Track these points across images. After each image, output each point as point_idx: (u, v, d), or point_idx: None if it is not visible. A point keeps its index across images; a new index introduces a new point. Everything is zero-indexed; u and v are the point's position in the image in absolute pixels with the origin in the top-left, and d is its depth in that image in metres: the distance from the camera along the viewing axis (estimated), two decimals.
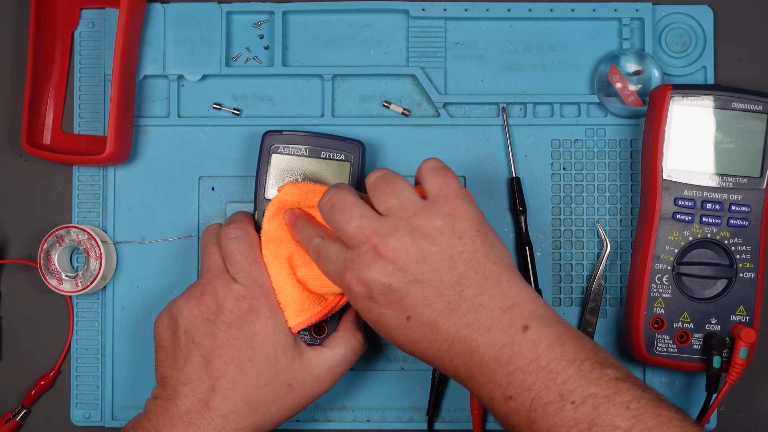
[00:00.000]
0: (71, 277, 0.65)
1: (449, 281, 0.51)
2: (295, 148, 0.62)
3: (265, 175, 0.62)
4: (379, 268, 0.51)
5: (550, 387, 0.48)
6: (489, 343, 0.50)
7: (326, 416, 0.67)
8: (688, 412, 0.66)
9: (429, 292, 0.51)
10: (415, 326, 0.51)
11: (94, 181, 0.67)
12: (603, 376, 0.48)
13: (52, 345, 0.67)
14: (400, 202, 0.53)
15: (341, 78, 0.68)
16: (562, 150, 0.67)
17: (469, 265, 0.51)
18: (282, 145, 0.62)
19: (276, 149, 0.62)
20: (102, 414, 0.67)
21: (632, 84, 0.65)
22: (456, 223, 0.52)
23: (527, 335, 0.49)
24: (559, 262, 0.67)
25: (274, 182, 0.62)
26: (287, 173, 0.62)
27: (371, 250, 0.51)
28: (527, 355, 0.49)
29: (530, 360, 0.49)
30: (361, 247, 0.52)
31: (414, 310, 0.51)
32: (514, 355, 0.49)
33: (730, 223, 0.61)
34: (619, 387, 0.47)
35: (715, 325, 0.62)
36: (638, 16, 0.67)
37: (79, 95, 0.68)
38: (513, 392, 0.49)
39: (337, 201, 0.54)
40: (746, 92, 0.61)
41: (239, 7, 0.68)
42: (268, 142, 0.62)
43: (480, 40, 0.68)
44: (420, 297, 0.51)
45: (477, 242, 0.52)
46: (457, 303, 0.50)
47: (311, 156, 0.62)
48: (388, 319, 0.52)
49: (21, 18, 0.69)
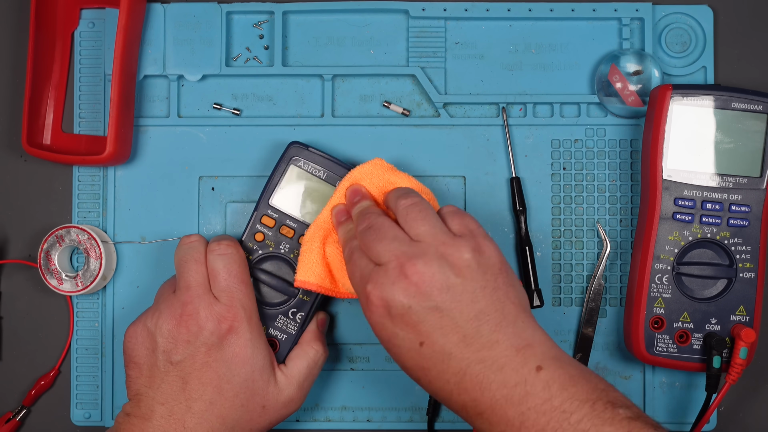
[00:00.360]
0: (71, 277, 0.65)
1: (468, 314, 0.51)
2: (315, 167, 0.62)
3: (276, 183, 0.62)
4: (403, 288, 0.51)
5: (564, 427, 0.48)
6: (502, 382, 0.50)
7: (326, 416, 0.67)
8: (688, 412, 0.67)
9: (447, 321, 0.51)
10: (427, 353, 0.51)
11: (94, 181, 0.67)
12: (615, 415, 0.48)
13: (52, 345, 0.67)
14: (431, 229, 0.53)
15: (341, 78, 0.68)
16: (562, 150, 0.67)
17: (489, 301, 0.51)
18: (303, 161, 0.62)
19: (296, 162, 0.62)
20: (102, 414, 0.67)
21: (632, 84, 0.65)
22: (482, 259, 0.52)
23: (540, 375, 0.49)
24: (559, 262, 0.67)
25: (284, 192, 0.62)
26: (298, 188, 0.62)
27: (398, 268, 0.51)
28: (540, 395, 0.49)
29: (543, 400, 0.49)
30: (388, 264, 0.52)
31: (429, 337, 0.51)
32: (527, 394, 0.49)
33: (730, 223, 0.61)
34: (632, 426, 0.47)
35: (715, 325, 0.62)
36: (638, 16, 0.67)
37: (79, 95, 0.68)
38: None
39: (375, 222, 0.55)
40: (746, 92, 0.61)
41: (239, 7, 0.68)
42: (292, 153, 0.62)
43: (480, 40, 0.68)
44: (437, 324, 0.51)
45: (499, 280, 0.52)
46: (473, 337, 0.51)
47: (327, 181, 0.62)
48: (401, 341, 0.52)
49: (21, 18, 0.69)
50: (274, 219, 0.62)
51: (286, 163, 0.62)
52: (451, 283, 0.51)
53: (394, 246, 0.52)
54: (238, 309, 0.58)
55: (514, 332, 0.51)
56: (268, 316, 0.61)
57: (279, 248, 0.62)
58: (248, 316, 0.58)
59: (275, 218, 0.62)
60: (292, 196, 0.62)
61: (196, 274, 0.58)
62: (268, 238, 0.62)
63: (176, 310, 0.57)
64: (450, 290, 0.51)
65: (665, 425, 0.66)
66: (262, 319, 0.61)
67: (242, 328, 0.57)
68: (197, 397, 0.56)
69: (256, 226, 0.62)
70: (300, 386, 0.59)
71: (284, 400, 0.59)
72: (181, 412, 0.56)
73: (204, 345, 0.57)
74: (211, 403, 0.56)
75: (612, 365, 0.67)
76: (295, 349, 0.61)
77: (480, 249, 0.53)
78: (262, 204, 0.62)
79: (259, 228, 0.62)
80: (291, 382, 0.59)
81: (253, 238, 0.62)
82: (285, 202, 0.62)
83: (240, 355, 0.57)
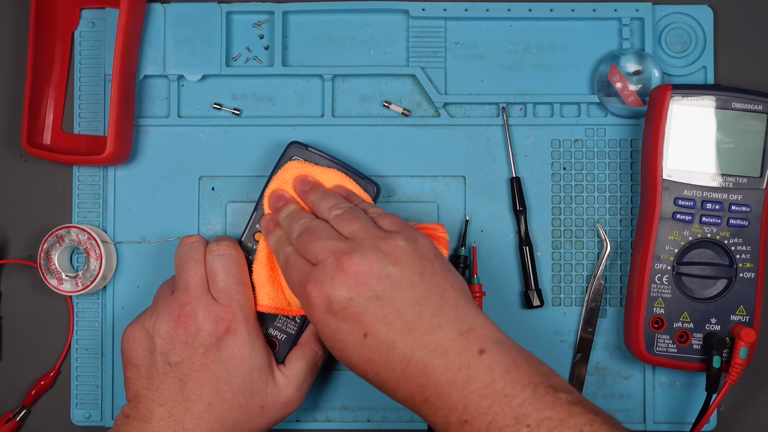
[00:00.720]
0: (71, 277, 0.65)
1: (409, 300, 0.51)
2: None
3: None
4: (342, 281, 0.51)
5: (506, 410, 0.48)
6: (445, 366, 0.50)
7: (326, 416, 0.67)
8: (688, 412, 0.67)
9: (388, 309, 0.51)
10: (371, 344, 0.51)
11: (94, 181, 0.67)
12: (557, 399, 0.48)
13: (52, 345, 0.67)
14: (364, 226, 0.54)
15: (341, 78, 0.68)
16: (562, 150, 0.67)
17: (429, 286, 0.52)
18: (302, 160, 0.62)
19: (296, 161, 0.62)
20: (102, 414, 0.67)
21: (632, 84, 0.65)
22: (416, 246, 0.53)
23: (483, 359, 0.50)
24: (559, 262, 0.67)
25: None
26: None
27: (335, 263, 0.52)
28: (483, 379, 0.49)
29: (486, 383, 0.49)
30: (325, 261, 0.52)
31: (372, 327, 0.51)
32: (470, 378, 0.49)
33: (730, 223, 0.61)
34: (573, 410, 0.48)
35: (715, 325, 0.62)
36: (638, 16, 0.67)
37: (79, 95, 0.68)
38: (469, 416, 0.49)
39: (309, 225, 0.55)
40: (746, 92, 0.61)
41: (239, 7, 0.68)
42: (291, 153, 0.62)
43: (480, 40, 0.68)
44: (379, 314, 0.51)
45: (436, 265, 0.53)
46: (416, 323, 0.51)
47: None
48: (345, 334, 0.52)
49: (21, 18, 0.69)
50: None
51: (286, 162, 0.62)
52: (389, 271, 0.52)
53: (330, 243, 0.53)
54: (236, 310, 0.58)
55: (455, 316, 0.52)
56: (267, 316, 0.61)
57: None
58: (246, 316, 0.58)
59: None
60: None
61: (194, 275, 0.59)
62: None
63: (174, 311, 0.57)
64: (389, 278, 0.51)
65: (665, 425, 0.66)
66: (262, 319, 0.61)
67: (240, 329, 0.57)
68: (196, 398, 0.56)
69: (256, 226, 0.62)
70: (299, 387, 0.59)
71: (283, 400, 0.59)
72: (179, 414, 0.56)
73: (202, 346, 0.57)
74: (209, 404, 0.56)
75: (612, 365, 0.67)
76: (295, 350, 0.61)
77: (413, 239, 0.54)
78: (261, 204, 0.62)
79: (259, 228, 0.62)
80: (290, 382, 0.59)
81: (253, 238, 0.62)
82: None
83: (238, 356, 0.57)
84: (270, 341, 0.61)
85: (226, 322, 0.57)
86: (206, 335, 0.57)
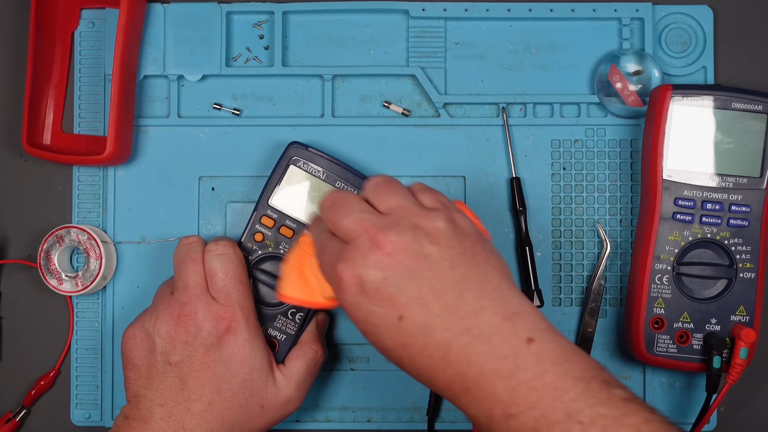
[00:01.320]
0: (71, 277, 0.65)
1: (449, 281, 0.47)
2: (314, 167, 0.62)
3: (276, 183, 0.62)
4: (376, 260, 0.47)
5: (557, 405, 0.44)
6: (490, 353, 0.46)
7: (326, 416, 0.67)
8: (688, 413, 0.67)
9: (426, 291, 0.47)
10: (407, 327, 0.47)
11: (94, 181, 0.67)
12: (611, 396, 0.44)
13: (52, 345, 0.67)
14: (402, 201, 0.50)
15: (341, 78, 0.68)
16: (562, 150, 0.67)
17: (470, 266, 0.48)
18: (303, 161, 0.62)
19: (296, 162, 0.62)
20: (102, 414, 0.67)
21: (632, 84, 0.65)
22: (456, 228, 0.49)
23: (532, 348, 0.46)
24: (559, 262, 0.67)
25: (283, 192, 0.62)
26: (298, 188, 0.62)
27: (369, 241, 0.47)
28: (532, 370, 0.45)
29: (535, 375, 0.45)
30: (358, 238, 0.48)
31: (408, 309, 0.47)
32: (517, 368, 0.45)
33: (730, 223, 0.61)
34: (629, 408, 0.44)
35: (715, 325, 0.62)
36: (638, 16, 0.67)
37: (79, 95, 0.68)
38: (515, 410, 0.45)
39: (338, 198, 0.51)
40: (746, 92, 0.61)
41: (239, 7, 0.68)
42: (291, 153, 0.62)
43: (480, 40, 0.68)
44: (416, 295, 0.47)
45: (478, 246, 0.49)
46: (456, 306, 0.47)
47: (326, 181, 0.62)
48: (378, 318, 0.47)
49: (21, 18, 0.69)
50: (273, 219, 0.62)
51: (286, 163, 0.62)
52: (426, 251, 0.47)
53: (363, 218, 0.49)
54: (235, 309, 0.57)
55: (500, 298, 0.47)
56: (267, 317, 0.61)
57: (279, 248, 0.62)
58: (246, 316, 0.58)
59: (275, 218, 0.62)
60: (291, 197, 0.62)
61: (193, 275, 0.58)
62: (267, 239, 0.62)
63: (174, 310, 0.57)
64: (426, 258, 0.47)
65: None
66: (262, 319, 0.61)
67: (240, 329, 0.57)
68: (196, 397, 0.56)
69: (256, 226, 0.62)
70: (299, 386, 0.59)
71: (283, 400, 0.59)
72: (180, 414, 0.56)
73: (202, 345, 0.56)
74: (209, 404, 0.56)
75: (612, 365, 0.67)
76: (295, 350, 0.61)
77: (454, 220, 0.49)
78: (261, 204, 0.62)
79: (259, 228, 0.62)
80: (290, 382, 0.59)
81: (253, 239, 0.62)
82: (285, 203, 0.62)
83: (238, 356, 0.57)
84: (270, 341, 0.61)
85: (226, 321, 0.57)
86: (206, 334, 0.57)
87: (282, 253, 0.62)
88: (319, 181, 0.62)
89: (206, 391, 0.56)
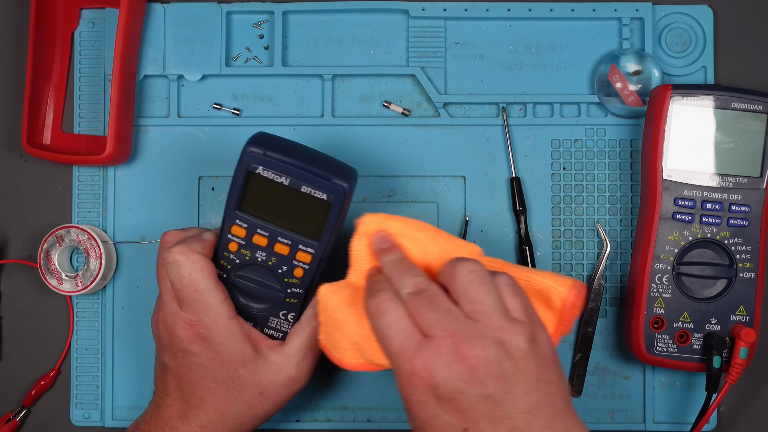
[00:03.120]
0: (71, 277, 0.65)
1: (521, 407, 0.47)
2: (275, 174, 0.54)
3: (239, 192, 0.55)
4: (457, 371, 0.47)
5: None
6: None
7: (326, 416, 0.67)
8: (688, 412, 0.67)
9: (498, 411, 0.47)
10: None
11: (94, 181, 0.67)
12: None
13: (52, 345, 0.67)
14: (490, 310, 0.49)
15: (341, 78, 0.68)
16: (562, 150, 0.67)
17: (543, 395, 0.48)
18: (262, 167, 0.54)
19: (254, 168, 0.54)
20: (102, 414, 0.67)
21: (632, 84, 0.65)
22: (537, 349, 0.49)
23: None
24: (559, 262, 0.67)
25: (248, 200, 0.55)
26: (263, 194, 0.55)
27: (452, 347, 0.47)
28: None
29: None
30: (441, 340, 0.47)
31: (476, 425, 0.47)
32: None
33: (730, 223, 0.61)
34: None
35: (715, 325, 0.62)
36: (638, 16, 0.67)
37: (79, 95, 0.68)
38: None
39: (426, 289, 0.50)
40: (746, 92, 0.61)
41: (239, 7, 0.68)
42: (248, 159, 0.54)
43: (480, 40, 0.68)
44: (488, 413, 0.47)
45: (552, 372, 0.49)
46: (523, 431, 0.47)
47: (291, 186, 0.54)
48: (443, 423, 0.47)
49: (21, 18, 0.69)
50: (244, 228, 0.56)
51: (244, 171, 0.54)
52: (507, 372, 0.47)
53: (448, 321, 0.48)
54: (200, 316, 0.56)
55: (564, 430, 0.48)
56: (260, 318, 0.60)
57: (256, 257, 0.57)
58: (214, 320, 0.56)
59: (245, 227, 0.56)
60: (257, 204, 0.56)
61: (163, 280, 0.58)
62: (242, 248, 0.57)
63: (156, 314, 0.59)
64: (505, 380, 0.47)
65: (665, 425, 0.66)
66: (255, 320, 0.59)
67: (209, 334, 0.56)
68: (189, 393, 0.57)
69: (228, 236, 0.56)
70: (298, 364, 0.58)
71: (282, 380, 0.58)
72: (180, 405, 0.57)
73: (180, 351, 0.57)
74: (202, 400, 0.57)
75: (612, 365, 0.67)
76: (295, 327, 0.59)
77: (535, 338, 0.49)
78: (228, 214, 0.56)
79: (232, 238, 0.57)
80: (288, 361, 0.58)
81: (228, 249, 0.57)
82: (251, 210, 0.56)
83: (215, 359, 0.57)
84: None
85: (195, 328, 0.56)
86: (179, 342, 0.56)
87: (260, 261, 0.57)
88: (283, 186, 0.54)
89: (197, 390, 0.57)
